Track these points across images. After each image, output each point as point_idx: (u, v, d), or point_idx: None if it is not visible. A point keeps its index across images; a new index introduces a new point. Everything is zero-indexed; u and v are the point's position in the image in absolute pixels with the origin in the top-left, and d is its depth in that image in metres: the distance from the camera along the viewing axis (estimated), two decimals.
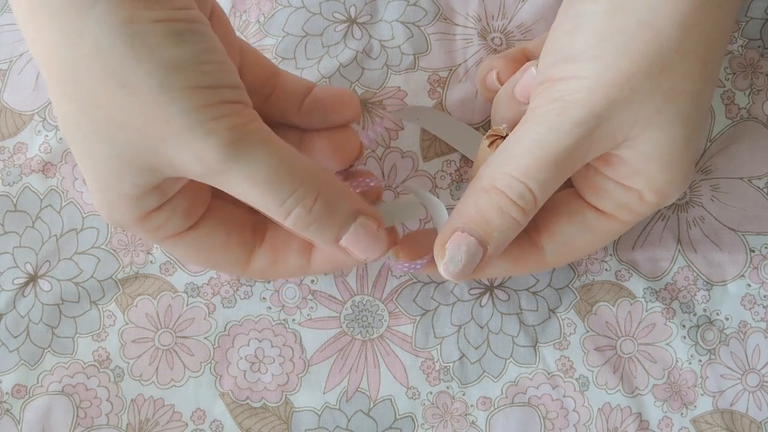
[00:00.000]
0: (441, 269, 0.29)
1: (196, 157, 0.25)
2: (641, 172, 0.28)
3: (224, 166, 0.25)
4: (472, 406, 0.38)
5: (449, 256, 0.29)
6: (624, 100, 0.27)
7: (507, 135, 0.30)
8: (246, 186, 0.26)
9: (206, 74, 0.25)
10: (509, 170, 0.28)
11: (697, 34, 0.26)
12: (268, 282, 0.38)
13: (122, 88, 0.24)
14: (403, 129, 0.38)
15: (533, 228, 0.31)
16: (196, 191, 0.30)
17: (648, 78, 0.26)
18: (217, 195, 0.31)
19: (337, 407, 0.38)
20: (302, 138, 0.34)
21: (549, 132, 0.27)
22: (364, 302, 0.38)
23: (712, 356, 0.38)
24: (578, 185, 0.31)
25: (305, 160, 0.28)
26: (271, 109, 0.33)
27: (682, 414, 0.38)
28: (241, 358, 0.38)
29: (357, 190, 0.32)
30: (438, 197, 0.38)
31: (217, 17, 0.30)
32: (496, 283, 0.38)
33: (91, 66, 0.24)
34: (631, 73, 0.26)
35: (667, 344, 0.38)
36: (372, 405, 0.38)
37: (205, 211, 0.31)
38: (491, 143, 0.31)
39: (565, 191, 0.32)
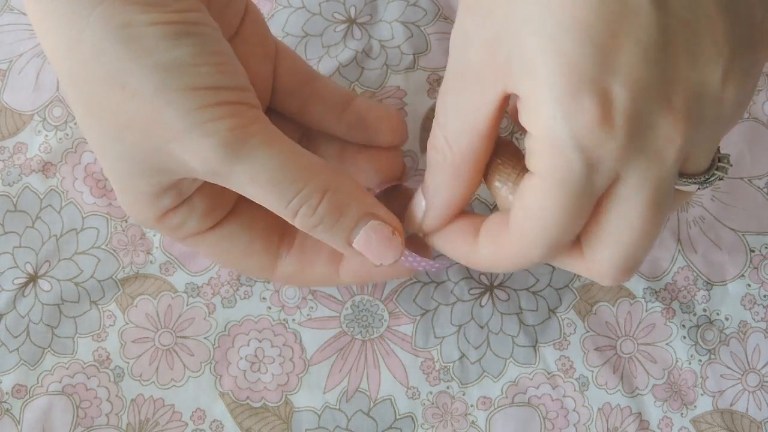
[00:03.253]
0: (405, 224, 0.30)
1: (198, 158, 0.25)
2: (522, 106, 0.23)
3: (226, 168, 0.25)
4: (472, 406, 0.38)
5: (407, 213, 0.30)
6: (471, 4, 0.24)
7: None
8: (250, 187, 0.26)
9: (204, 75, 0.25)
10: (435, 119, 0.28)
11: None
12: (269, 282, 0.38)
13: (121, 91, 0.24)
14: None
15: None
16: (217, 192, 0.30)
17: None
18: (242, 200, 0.31)
19: (337, 407, 0.38)
20: (343, 150, 0.33)
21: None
22: (364, 302, 0.38)
23: (712, 356, 0.38)
24: None
25: (314, 159, 0.27)
26: (309, 116, 0.33)
27: (682, 414, 0.38)
28: (241, 358, 0.38)
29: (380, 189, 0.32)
30: None
31: (252, 19, 0.30)
32: (496, 283, 0.38)
33: (92, 69, 0.24)
34: None
35: (667, 344, 0.38)
36: (372, 405, 0.38)
37: (230, 213, 0.31)
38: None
39: None
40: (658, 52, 0.22)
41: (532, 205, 0.24)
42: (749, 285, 0.38)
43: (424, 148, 0.38)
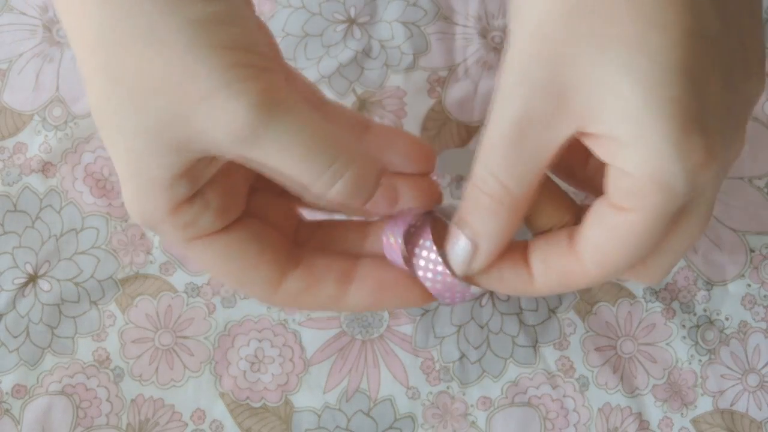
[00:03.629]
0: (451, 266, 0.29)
1: (227, 122, 0.24)
2: (621, 150, 0.24)
3: (256, 132, 0.24)
4: (472, 406, 0.38)
5: (448, 254, 0.28)
6: (544, 53, 0.24)
7: None
8: (279, 155, 0.25)
9: (236, 35, 0.24)
10: (478, 158, 0.26)
11: None
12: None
13: (152, 46, 0.24)
14: (402, 128, 0.38)
15: (576, 237, 0.28)
16: (230, 191, 0.29)
17: (559, 23, 0.23)
18: (252, 213, 0.30)
19: (337, 407, 0.38)
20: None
21: (494, 105, 0.25)
22: None
23: (713, 356, 0.38)
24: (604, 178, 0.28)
25: (338, 129, 0.27)
26: None
27: (682, 414, 0.38)
28: (241, 358, 0.38)
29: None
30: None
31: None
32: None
33: (124, 27, 0.24)
34: (540, 20, 0.23)
35: (667, 344, 0.38)
36: (372, 405, 0.38)
37: (239, 220, 0.29)
38: None
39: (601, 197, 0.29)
40: (730, 76, 0.24)
41: (626, 237, 0.25)
42: (749, 285, 0.38)
43: None
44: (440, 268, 0.28)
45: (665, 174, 0.23)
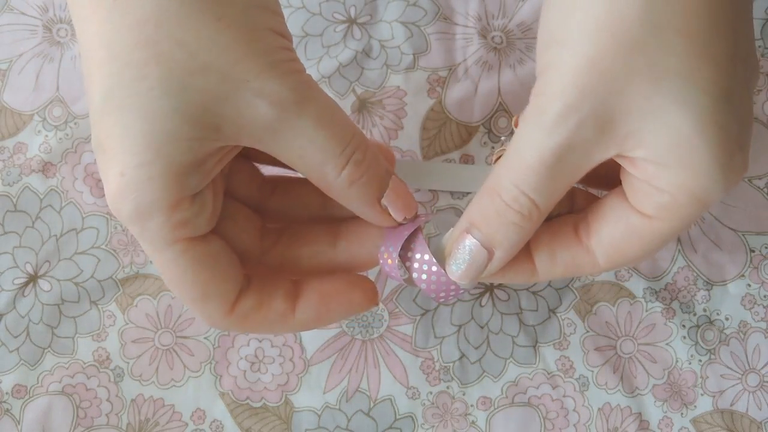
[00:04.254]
0: (447, 270, 0.29)
1: (274, 98, 0.25)
2: (661, 171, 0.26)
3: (297, 108, 0.26)
4: (472, 406, 0.38)
5: (453, 257, 0.28)
6: (597, 88, 0.24)
7: None
8: (314, 130, 0.26)
9: (282, 24, 0.26)
10: (506, 173, 0.27)
11: (664, 3, 0.24)
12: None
13: (217, 22, 0.25)
14: (402, 128, 0.38)
15: (585, 230, 0.30)
16: (219, 197, 0.29)
17: (616, 58, 0.24)
18: (221, 222, 0.30)
19: (337, 407, 0.38)
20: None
21: (533, 132, 0.26)
22: None
23: (712, 356, 0.38)
24: (623, 182, 0.29)
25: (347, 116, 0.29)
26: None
27: (682, 414, 0.38)
28: (241, 358, 0.38)
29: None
30: (438, 197, 0.38)
31: None
32: (496, 283, 0.38)
33: (186, 2, 0.24)
34: (595, 54, 0.24)
35: (667, 344, 0.38)
36: (372, 405, 0.38)
37: (212, 232, 0.29)
38: (497, 159, 0.31)
39: (613, 192, 0.30)
40: (750, 84, 0.26)
41: (649, 241, 0.27)
42: (749, 285, 0.38)
43: (423, 149, 0.38)
44: (435, 268, 0.28)
45: (707, 192, 0.25)
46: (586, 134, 0.25)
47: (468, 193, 0.38)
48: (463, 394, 0.38)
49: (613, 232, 0.28)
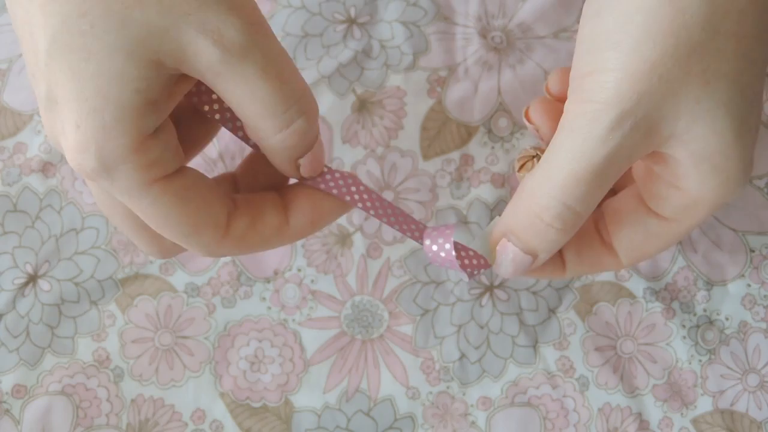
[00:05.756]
0: (495, 270, 0.30)
1: (217, 36, 0.24)
2: (693, 173, 0.26)
3: (242, 52, 0.25)
4: (472, 406, 0.38)
5: (498, 261, 0.29)
6: (656, 92, 0.24)
7: (536, 154, 0.30)
8: (257, 81, 0.25)
9: None
10: (547, 189, 0.27)
11: (723, 6, 0.24)
12: (268, 282, 0.38)
13: None
14: (402, 128, 0.38)
15: (605, 230, 0.30)
16: (172, 132, 0.28)
17: (676, 62, 0.24)
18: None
19: (337, 407, 0.38)
20: None
21: (583, 142, 0.25)
22: (364, 302, 0.38)
23: (712, 356, 0.38)
24: (640, 187, 0.30)
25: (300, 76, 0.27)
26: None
27: (682, 414, 0.38)
28: (241, 358, 0.38)
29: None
30: (438, 197, 0.38)
31: None
32: (496, 283, 0.38)
33: None
34: (657, 58, 0.24)
35: (667, 344, 0.38)
36: (372, 405, 0.38)
37: (183, 167, 0.28)
38: (522, 166, 0.31)
39: (628, 193, 0.30)
40: None
41: (668, 241, 0.29)
42: (749, 285, 0.38)
43: (423, 149, 0.38)
44: (472, 253, 0.30)
45: (730, 196, 0.26)
46: (636, 138, 0.25)
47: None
48: (463, 394, 0.38)
49: (632, 235, 0.29)
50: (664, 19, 0.24)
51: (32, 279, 0.38)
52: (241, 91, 0.25)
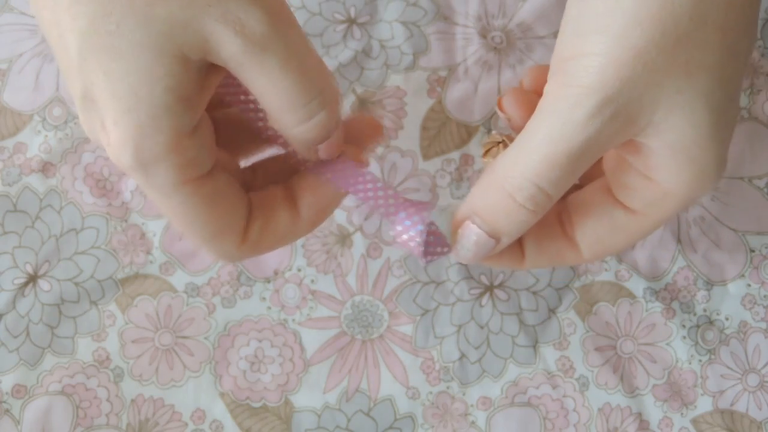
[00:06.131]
0: (454, 254, 0.29)
1: (238, 27, 0.24)
2: (667, 164, 0.26)
3: (264, 42, 0.24)
4: (472, 406, 0.38)
5: (459, 243, 0.28)
6: (638, 80, 0.24)
7: (503, 141, 0.30)
8: (280, 72, 0.25)
9: None
10: (521, 169, 0.26)
11: None
12: (268, 282, 0.38)
13: None
14: (402, 128, 0.38)
15: (568, 223, 0.30)
16: (210, 132, 0.28)
17: (662, 51, 0.24)
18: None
19: (337, 407, 0.38)
20: None
21: (562, 126, 0.25)
22: (364, 302, 0.38)
23: (712, 356, 0.38)
24: (609, 178, 0.29)
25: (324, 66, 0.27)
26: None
27: (682, 414, 0.38)
28: (241, 358, 0.38)
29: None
30: (438, 197, 0.38)
31: None
32: (496, 283, 0.38)
33: None
34: (643, 46, 0.24)
35: (667, 344, 0.38)
36: (372, 405, 0.38)
37: (214, 168, 0.28)
38: (486, 152, 0.31)
39: (596, 186, 0.30)
40: None
41: (633, 235, 0.28)
42: (749, 285, 0.38)
43: (423, 149, 0.38)
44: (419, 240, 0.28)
45: (702, 189, 0.26)
46: (615, 125, 0.25)
47: None
48: (463, 394, 0.38)
49: (597, 227, 0.28)
50: (653, 6, 0.24)
51: (32, 279, 0.38)
52: (263, 83, 0.25)
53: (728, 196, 0.38)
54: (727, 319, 0.38)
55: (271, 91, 0.25)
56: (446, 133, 0.38)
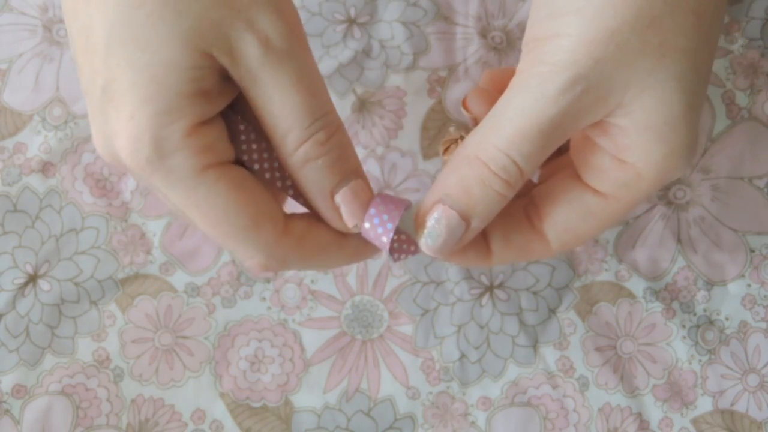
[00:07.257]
0: (420, 244, 0.28)
1: (262, 36, 0.25)
2: (638, 143, 0.26)
3: (281, 56, 0.25)
4: (472, 406, 0.38)
5: (428, 230, 0.27)
6: (611, 59, 0.25)
7: (461, 136, 0.30)
8: (290, 89, 0.25)
9: None
10: (493, 141, 0.26)
11: None
12: (268, 282, 0.38)
13: None
14: (402, 128, 0.38)
15: (535, 214, 0.29)
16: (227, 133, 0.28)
17: (635, 32, 0.24)
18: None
19: (337, 407, 0.38)
20: None
21: (534, 101, 0.25)
22: (364, 302, 0.38)
23: (713, 356, 0.38)
24: (577, 163, 0.29)
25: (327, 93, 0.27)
26: None
27: (682, 414, 0.38)
28: (241, 358, 0.38)
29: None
30: None
31: None
32: (496, 283, 0.38)
33: None
34: (616, 27, 0.24)
35: (667, 344, 0.38)
36: (372, 405, 0.38)
37: (236, 164, 0.28)
38: (446, 149, 0.31)
39: (563, 174, 0.30)
40: None
41: (603, 221, 0.28)
42: (749, 285, 0.38)
43: (423, 149, 0.38)
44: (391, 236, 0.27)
45: (675, 171, 0.26)
46: (585, 102, 0.25)
47: None
48: (463, 394, 0.38)
49: (567, 214, 0.28)
50: None
51: (32, 279, 0.38)
52: (274, 97, 0.26)
53: (728, 196, 0.38)
54: (727, 319, 0.38)
55: (279, 108, 0.26)
56: (446, 133, 0.38)
